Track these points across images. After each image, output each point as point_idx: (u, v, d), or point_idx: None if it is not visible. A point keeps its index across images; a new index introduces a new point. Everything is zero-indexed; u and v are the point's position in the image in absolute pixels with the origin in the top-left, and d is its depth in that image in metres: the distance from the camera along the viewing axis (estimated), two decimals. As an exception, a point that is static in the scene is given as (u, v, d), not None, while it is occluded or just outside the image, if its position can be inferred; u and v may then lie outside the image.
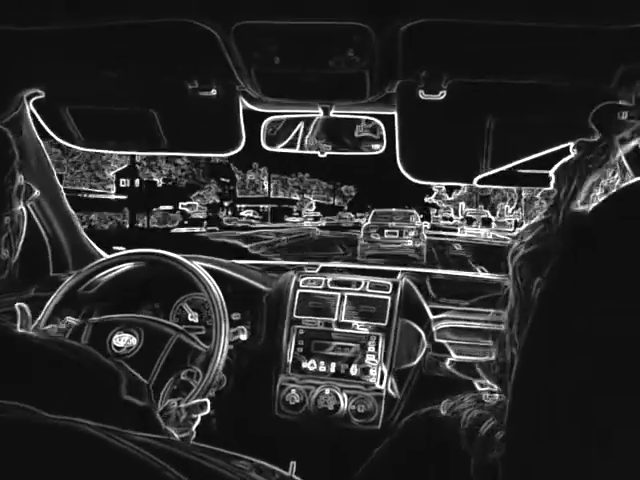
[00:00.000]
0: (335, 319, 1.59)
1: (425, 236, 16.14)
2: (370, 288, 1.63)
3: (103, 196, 30.51)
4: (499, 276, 0.49)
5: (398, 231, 15.31)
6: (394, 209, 18.58)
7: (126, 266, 1.57)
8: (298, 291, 1.64)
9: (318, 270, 1.76)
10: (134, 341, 1.35)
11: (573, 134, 0.48)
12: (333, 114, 1.27)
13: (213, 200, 40.44)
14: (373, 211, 18.15)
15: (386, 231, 15.34)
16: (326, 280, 1.66)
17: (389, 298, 1.60)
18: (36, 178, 1.54)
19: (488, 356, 0.51)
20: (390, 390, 1.52)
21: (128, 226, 27.95)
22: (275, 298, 1.66)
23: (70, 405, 0.42)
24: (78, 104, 1.27)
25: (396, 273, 1.72)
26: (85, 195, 27.90)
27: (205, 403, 1.11)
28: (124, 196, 31.20)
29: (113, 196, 31.34)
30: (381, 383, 1.52)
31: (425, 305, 1.64)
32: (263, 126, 1.39)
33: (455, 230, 28.81)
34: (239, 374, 1.52)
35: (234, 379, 1.48)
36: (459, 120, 1.15)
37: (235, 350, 1.48)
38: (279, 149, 1.41)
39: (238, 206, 43.98)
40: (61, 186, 1.70)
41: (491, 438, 0.47)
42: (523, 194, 36.83)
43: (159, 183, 36.60)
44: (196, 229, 27.43)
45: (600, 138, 0.47)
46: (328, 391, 1.51)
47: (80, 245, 1.76)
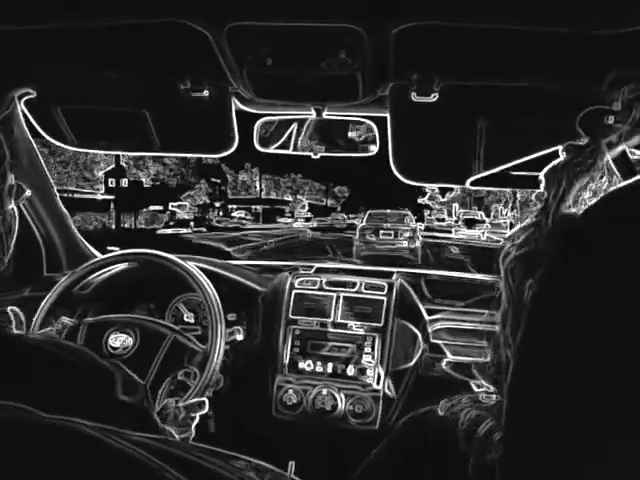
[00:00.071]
0: (331, 319, 1.59)
1: (420, 237, 16.16)
2: (365, 289, 1.63)
3: (89, 196, 30.10)
4: (493, 277, 0.50)
5: (393, 232, 15.35)
6: (389, 210, 18.56)
7: (121, 266, 1.57)
8: (293, 292, 1.64)
9: (313, 271, 1.76)
10: (130, 341, 1.35)
11: (564, 137, 0.49)
12: (326, 115, 1.27)
13: (204, 200, 40.22)
14: (368, 212, 18.13)
15: (381, 232, 15.37)
16: (321, 281, 1.66)
17: (384, 299, 1.60)
18: (28, 178, 1.54)
19: (483, 357, 0.51)
20: (387, 390, 1.52)
21: (114, 227, 27.62)
22: (271, 299, 1.66)
23: (66, 406, 0.42)
24: (70, 104, 1.26)
25: (391, 274, 1.73)
26: (70, 195, 27.40)
27: (203, 402, 1.11)
28: (111, 196, 30.87)
29: (100, 196, 30.95)
30: (378, 383, 1.52)
31: (420, 306, 1.64)
32: (256, 127, 1.38)
33: (449, 231, 28.88)
34: (236, 374, 1.52)
35: (231, 379, 1.48)
36: (451, 122, 1.15)
37: (231, 350, 1.48)
38: (272, 150, 1.41)
39: (230, 207, 43.84)
40: (54, 186, 1.70)
41: (489, 439, 0.47)
42: (518, 196, 36.86)
43: (146, 183, 36.18)
44: (182, 230, 26.98)
45: (588, 142, 0.48)
46: (325, 391, 1.51)
47: (74, 245, 1.75)
